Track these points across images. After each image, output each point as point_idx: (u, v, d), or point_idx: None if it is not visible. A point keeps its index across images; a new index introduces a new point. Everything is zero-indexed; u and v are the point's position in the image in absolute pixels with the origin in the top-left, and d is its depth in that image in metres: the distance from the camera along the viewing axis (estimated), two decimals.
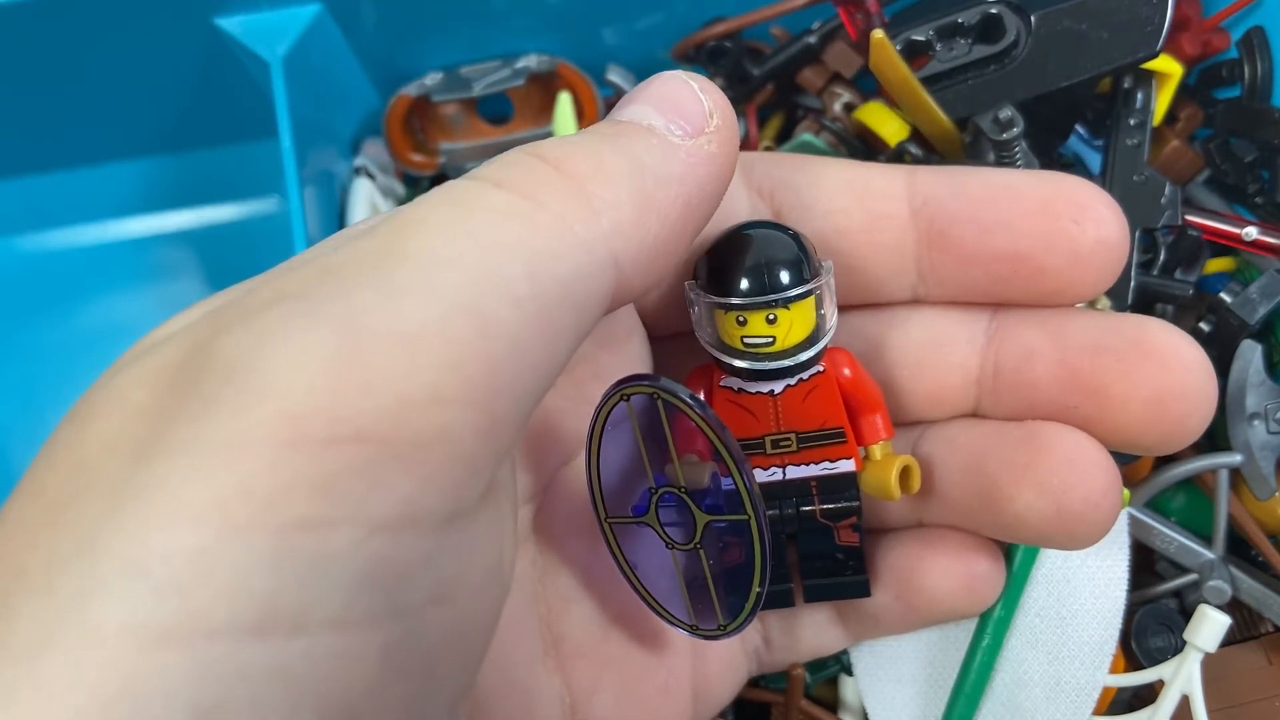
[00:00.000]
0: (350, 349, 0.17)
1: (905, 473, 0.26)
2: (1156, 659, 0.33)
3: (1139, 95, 0.36)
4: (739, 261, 0.25)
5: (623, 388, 0.24)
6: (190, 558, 0.15)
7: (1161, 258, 0.36)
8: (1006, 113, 0.32)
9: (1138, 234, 0.35)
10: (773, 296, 0.24)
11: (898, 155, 0.38)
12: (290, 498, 0.16)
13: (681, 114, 0.22)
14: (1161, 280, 0.36)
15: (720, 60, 0.43)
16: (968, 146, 0.35)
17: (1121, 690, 0.34)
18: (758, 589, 0.24)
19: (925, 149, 0.37)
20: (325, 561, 0.16)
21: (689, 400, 0.23)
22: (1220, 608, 0.31)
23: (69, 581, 0.15)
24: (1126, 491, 0.31)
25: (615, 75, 0.46)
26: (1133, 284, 0.35)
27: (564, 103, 0.43)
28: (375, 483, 0.16)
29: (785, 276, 0.25)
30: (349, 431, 0.16)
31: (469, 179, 0.20)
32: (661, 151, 0.21)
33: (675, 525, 0.25)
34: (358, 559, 0.16)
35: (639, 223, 0.20)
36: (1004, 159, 0.33)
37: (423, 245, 0.18)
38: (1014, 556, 0.30)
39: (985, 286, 0.26)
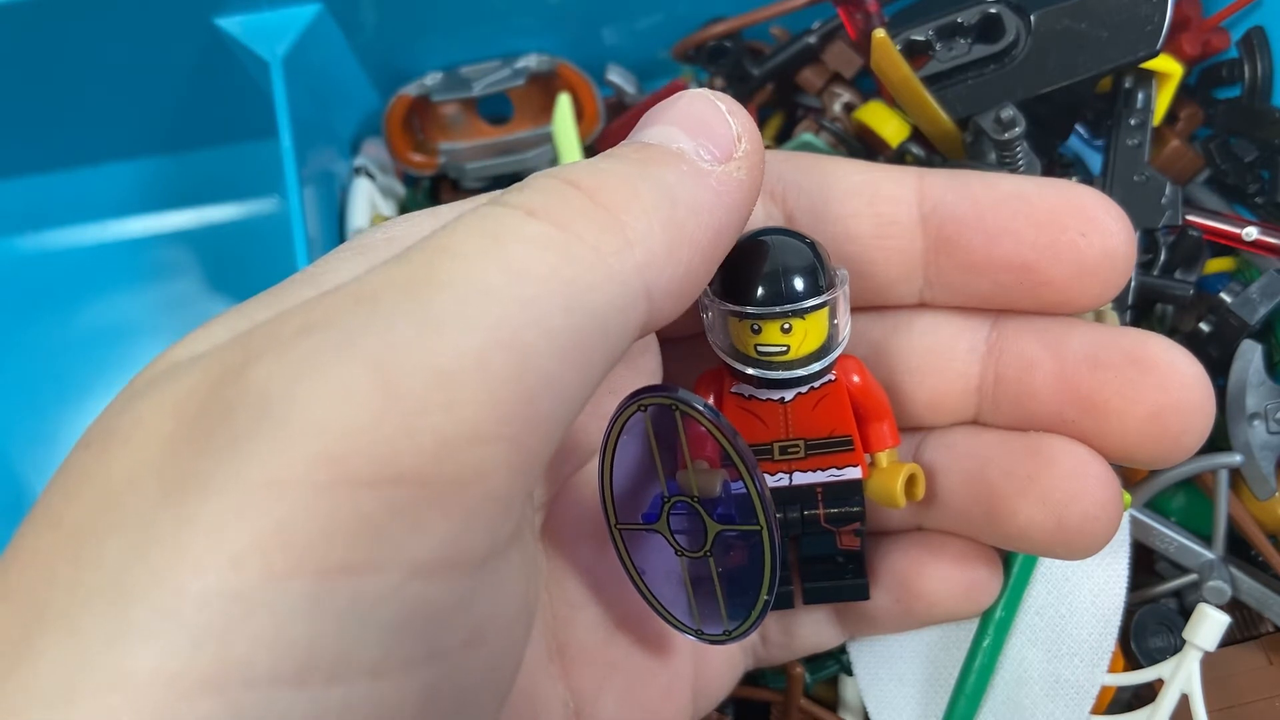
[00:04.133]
0: (389, 386, 0.16)
1: (910, 481, 0.26)
2: (1156, 659, 0.33)
3: (1139, 95, 0.36)
4: (756, 269, 0.25)
5: (640, 398, 0.24)
6: (227, 603, 0.15)
7: (1162, 258, 0.36)
8: (1008, 112, 0.32)
9: (1138, 234, 0.35)
10: (789, 307, 0.24)
11: (899, 155, 0.38)
12: (330, 541, 0.15)
13: (710, 137, 0.22)
14: (1162, 280, 0.36)
15: (720, 60, 0.43)
16: (969, 146, 0.35)
17: (1121, 689, 0.34)
18: (765, 596, 0.24)
19: (927, 149, 0.37)
20: (364, 606, 0.16)
21: (706, 413, 0.23)
22: (1220, 608, 0.31)
23: (97, 624, 0.15)
24: (1127, 495, 0.31)
25: (615, 75, 0.46)
26: (1133, 284, 0.35)
27: (563, 104, 0.43)
28: (415, 525, 0.16)
29: (801, 286, 0.24)
30: (390, 473, 0.16)
31: (501, 205, 0.20)
32: (693, 180, 0.21)
33: (685, 533, 0.25)
34: (397, 603, 0.16)
35: (671, 254, 0.20)
36: (1005, 159, 0.33)
37: (457, 276, 0.18)
38: (1015, 557, 0.30)
39: (990, 294, 0.26)
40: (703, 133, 0.22)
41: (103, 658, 0.14)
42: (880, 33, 0.33)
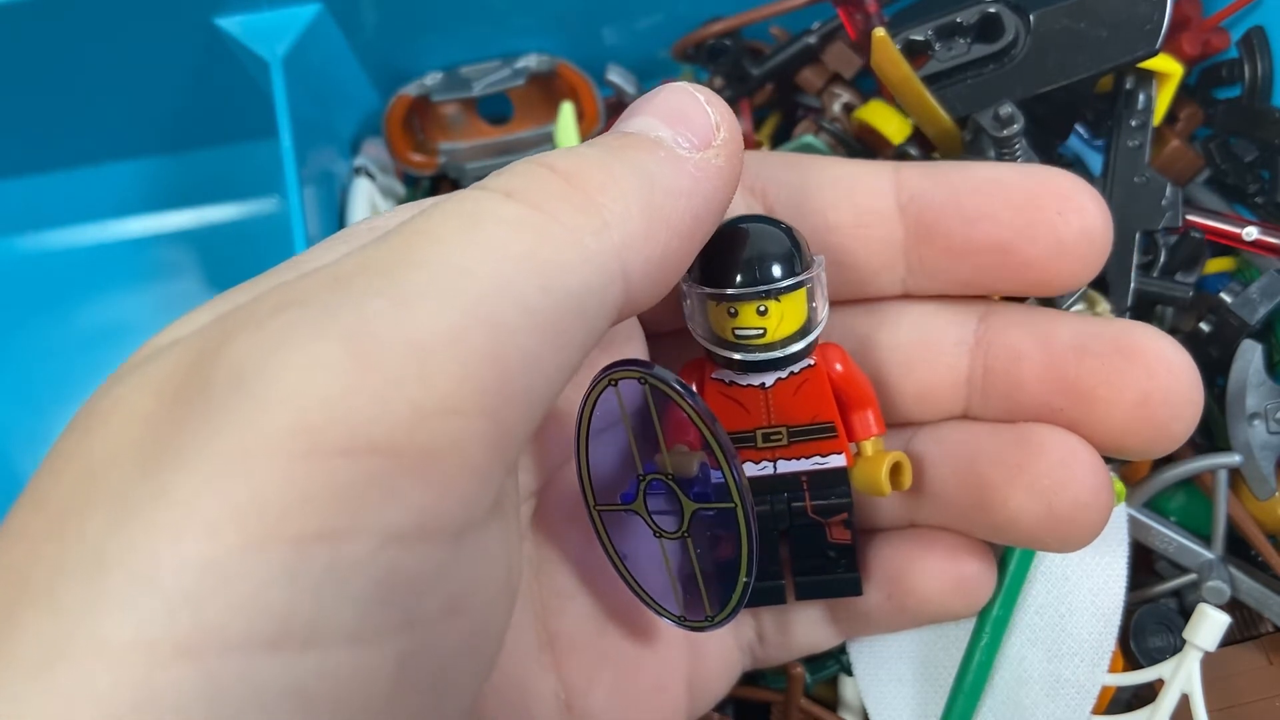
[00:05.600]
0: (363, 358, 0.16)
1: (896, 469, 0.26)
2: (1155, 659, 0.33)
3: (1140, 96, 0.36)
4: (731, 254, 0.25)
5: (610, 372, 0.24)
6: (203, 571, 0.15)
7: (1161, 260, 0.36)
8: (1007, 109, 0.32)
9: (1138, 236, 0.35)
10: (763, 288, 0.25)
11: (899, 156, 0.38)
12: (305, 509, 0.16)
13: (689, 126, 0.22)
14: (1161, 282, 0.35)
15: (719, 59, 0.43)
16: (968, 144, 0.35)
17: (1121, 689, 0.34)
18: (745, 578, 0.24)
19: (925, 149, 0.37)
20: (340, 573, 0.16)
21: (672, 383, 0.23)
22: (1220, 608, 0.31)
23: (76, 594, 0.15)
24: (1120, 485, 0.31)
25: (615, 75, 0.46)
26: (1133, 286, 0.35)
27: (566, 113, 0.43)
28: (389, 493, 0.16)
29: (776, 269, 0.25)
30: (363, 442, 0.16)
31: (479, 189, 0.20)
32: (670, 165, 0.21)
33: (664, 514, 0.25)
34: (372, 571, 0.16)
35: (649, 236, 0.20)
36: (1004, 156, 0.33)
37: (434, 255, 0.18)
38: (1012, 555, 0.30)
39: (972, 278, 0.27)
40: (681, 122, 0.22)
41: (81, 627, 0.15)
42: (880, 32, 0.33)
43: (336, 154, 0.46)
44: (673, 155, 0.22)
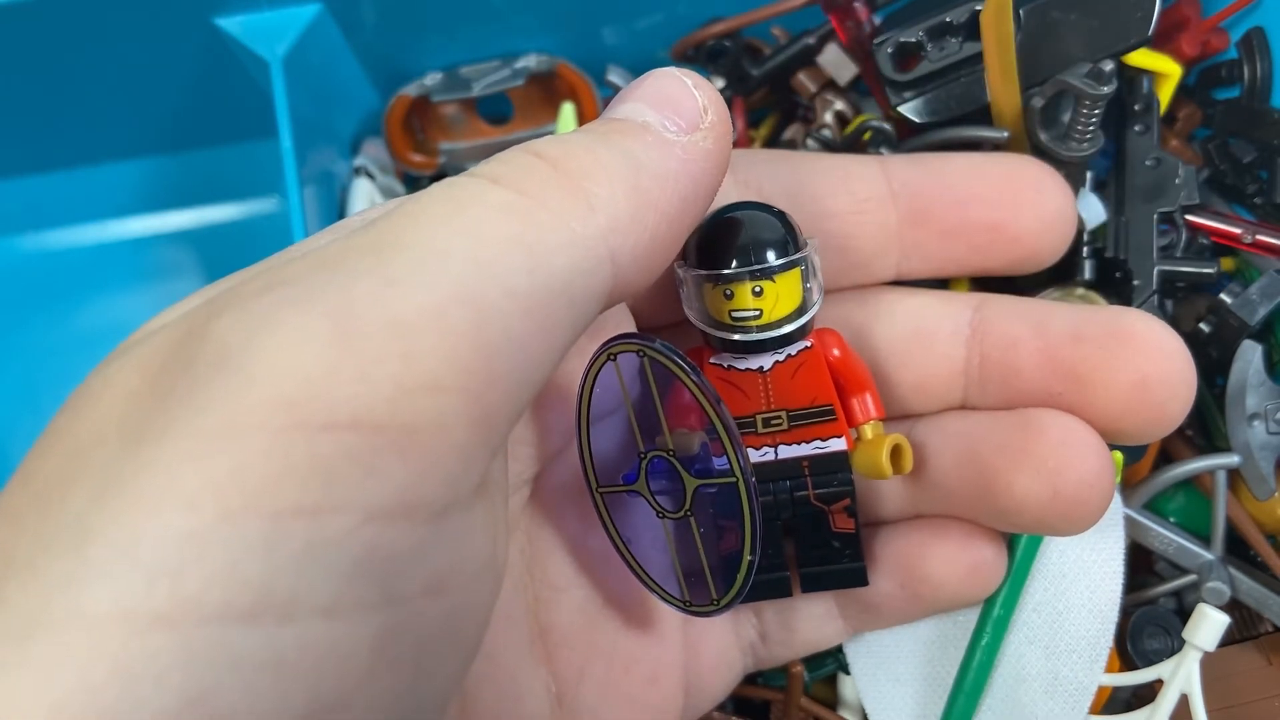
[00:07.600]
0: (346, 336, 0.17)
1: (896, 451, 0.27)
2: (1152, 660, 0.33)
3: (1144, 81, 0.36)
4: (725, 237, 0.25)
5: (610, 346, 0.24)
6: (182, 542, 0.15)
7: (1183, 239, 0.36)
8: (1109, 65, 0.31)
9: (1156, 217, 0.35)
10: (758, 267, 0.25)
11: (859, 135, 0.38)
12: (285, 484, 0.16)
13: (676, 110, 0.22)
14: (1185, 261, 0.35)
15: (719, 60, 0.43)
16: (1041, 112, 0.34)
17: (1121, 690, 0.33)
18: (749, 556, 0.24)
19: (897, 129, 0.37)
20: (319, 548, 0.16)
21: (671, 353, 0.23)
22: (1219, 608, 0.31)
23: (57, 566, 0.15)
24: (1119, 454, 0.31)
25: (615, 75, 0.46)
26: (1156, 269, 0.34)
27: (567, 113, 0.43)
28: (370, 470, 0.17)
29: (770, 249, 0.25)
30: (344, 418, 0.16)
31: (466, 176, 0.20)
32: (657, 149, 0.22)
33: (666, 494, 0.25)
34: (351, 546, 0.16)
35: (636, 220, 0.21)
36: (1085, 120, 0.32)
37: (420, 238, 0.18)
38: (1014, 554, 0.30)
39: (965, 257, 0.28)
40: (668, 106, 0.22)
41: (60, 596, 0.15)
42: None
43: (336, 154, 0.46)
44: (660, 139, 0.22)
